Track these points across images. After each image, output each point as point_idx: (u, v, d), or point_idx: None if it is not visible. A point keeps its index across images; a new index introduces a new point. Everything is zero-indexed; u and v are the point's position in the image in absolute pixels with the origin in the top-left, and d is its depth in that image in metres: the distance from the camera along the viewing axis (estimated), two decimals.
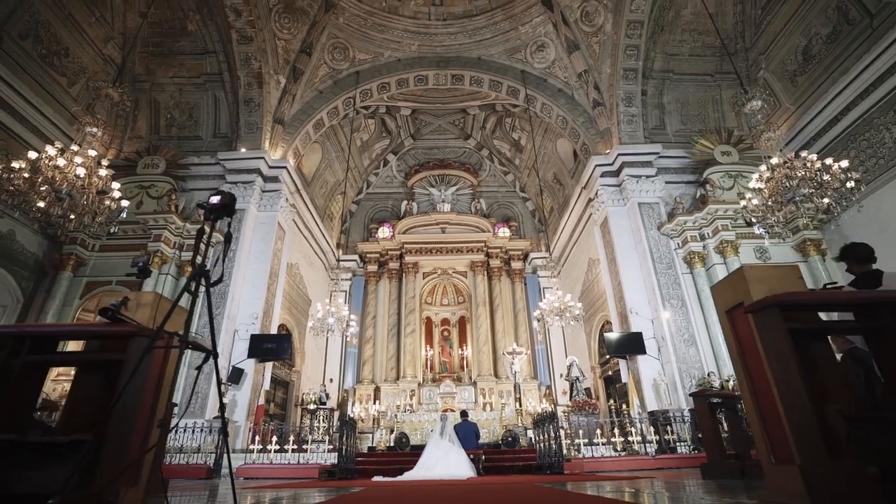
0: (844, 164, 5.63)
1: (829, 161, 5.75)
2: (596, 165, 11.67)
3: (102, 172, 5.70)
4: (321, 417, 10.20)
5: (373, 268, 15.87)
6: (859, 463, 1.67)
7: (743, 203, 6.64)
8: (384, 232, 16.43)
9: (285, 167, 11.73)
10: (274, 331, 10.69)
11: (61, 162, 5.20)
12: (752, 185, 6.30)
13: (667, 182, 11.30)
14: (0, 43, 9.30)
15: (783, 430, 1.82)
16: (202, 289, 1.78)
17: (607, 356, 11.43)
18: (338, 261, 14.88)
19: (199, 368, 1.85)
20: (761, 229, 6.66)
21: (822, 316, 2.26)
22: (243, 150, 11.48)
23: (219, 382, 2.84)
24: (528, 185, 17.02)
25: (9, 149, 9.43)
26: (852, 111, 9.73)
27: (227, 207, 1.83)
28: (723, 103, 12.72)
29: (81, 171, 5.34)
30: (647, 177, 11.17)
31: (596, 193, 11.75)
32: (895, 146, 8.98)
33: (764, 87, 12.18)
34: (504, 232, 16.32)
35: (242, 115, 11.91)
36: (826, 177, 5.94)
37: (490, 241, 15.71)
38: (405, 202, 16.74)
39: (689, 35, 12.49)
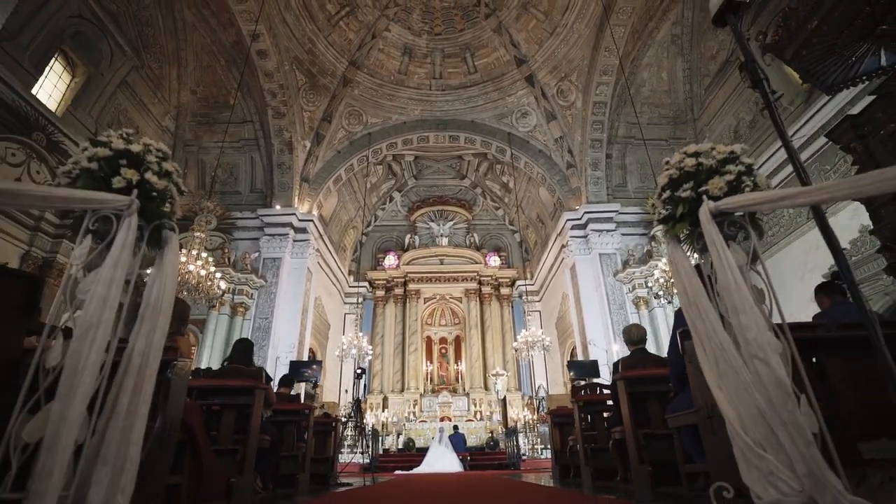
0: None
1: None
2: (567, 220, 14.73)
3: (212, 269, 8.79)
4: (349, 428, 13.37)
5: (380, 293, 19.00)
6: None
7: (651, 284, 9.76)
8: (390, 260, 19.54)
9: (312, 220, 14.77)
10: (306, 355, 13.81)
11: (191, 267, 8.30)
12: (656, 273, 9.41)
13: (623, 234, 14.37)
14: (96, 134, 12.29)
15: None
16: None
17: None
18: (356, 287, 17.97)
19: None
20: (664, 299, 9.79)
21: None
22: (278, 206, 14.51)
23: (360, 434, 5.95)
24: (516, 220, 20.09)
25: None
26: None
27: (363, 375, 4.82)
28: None
29: (204, 271, 8.44)
30: (608, 231, 14.25)
31: (567, 242, 14.83)
32: (790, 219, 12.10)
33: None
34: (494, 261, 19.43)
35: (276, 175, 14.91)
36: None
37: (482, 271, 18.83)
38: (408, 235, 19.84)
39: (647, 108, 15.46)
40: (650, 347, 12.26)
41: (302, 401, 8.09)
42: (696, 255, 1.71)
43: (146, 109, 13.75)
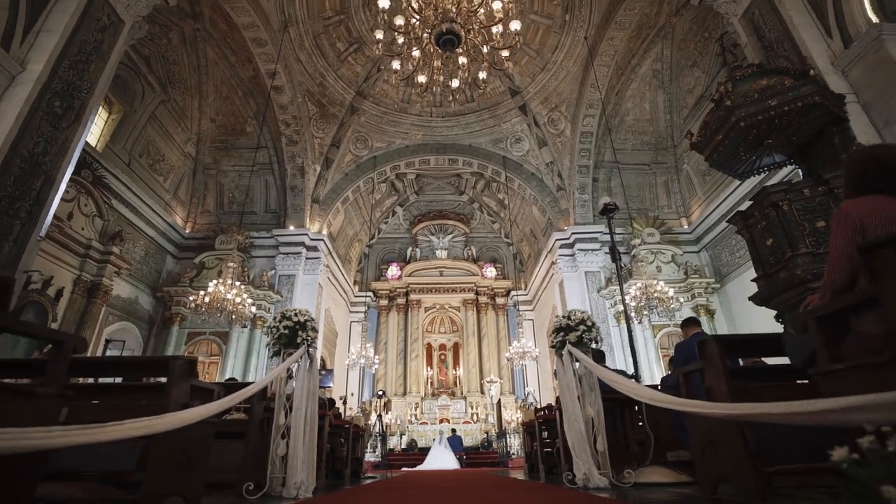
0: (671, 292, 10.41)
1: (666, 289, 10.52)
2: (556, 239, 16.39)
3: (244, 296, 10.44)
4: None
5: (384, 302, 20.68)
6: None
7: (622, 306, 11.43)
8: (392, 270, 21.22)
9: (322, 239, 16.41)
10: (317, 364, 15.48)
11: (229, 295, 9.95)
12: (627, 298, 11.08)
13: (607, 254, 15.99)
14: (130, 164, 13.91)
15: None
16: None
17: None
18: (361, 296, 19.63)
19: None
20: (636, 320, 11.48)
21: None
22: (291, 227, 16.14)
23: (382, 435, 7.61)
24: (511, 234, 21.75)
25: (134, 240, 14.14)
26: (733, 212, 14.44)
27: (383, 395, 6.40)
28: (657, 187, 17.42)
29: (239, 299, 10.09)
30: (593, 250, 15.91)
31: (556, 260, 16.49)
32: None
33: (686, 177, 16.93)
34: (491, 272, 21.12)
35: (289, 198, 16.54)
36: (669, 294, 10.75)
37: (479, 282, 20.52)
38: (410, 247, 21.51)
39: (631, 135, 17.09)
40: (620, 362, 13.90)
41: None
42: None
43: (171, 138, 15.35)
